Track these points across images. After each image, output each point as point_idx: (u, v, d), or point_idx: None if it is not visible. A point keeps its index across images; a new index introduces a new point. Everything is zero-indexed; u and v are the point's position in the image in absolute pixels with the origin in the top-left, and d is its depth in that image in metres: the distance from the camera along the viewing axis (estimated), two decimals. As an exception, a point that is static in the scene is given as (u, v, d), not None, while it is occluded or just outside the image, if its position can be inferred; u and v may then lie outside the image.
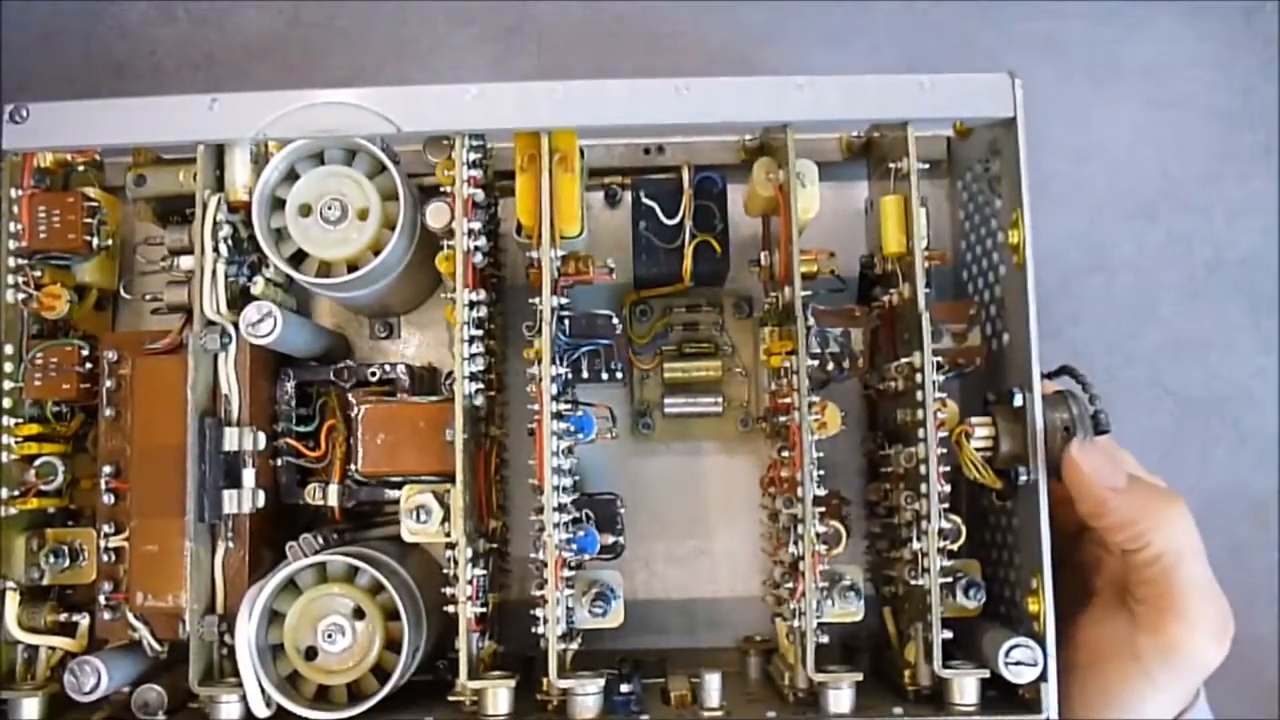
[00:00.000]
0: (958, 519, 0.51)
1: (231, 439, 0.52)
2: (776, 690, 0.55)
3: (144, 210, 0.57)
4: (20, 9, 0.70)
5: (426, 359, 0.61)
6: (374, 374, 0.56)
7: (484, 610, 0.51)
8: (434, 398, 0.53)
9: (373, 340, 0.62)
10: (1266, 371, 0.71)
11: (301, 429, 0.56)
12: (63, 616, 0.53)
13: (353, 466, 0.53)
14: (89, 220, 0.54)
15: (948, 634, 0.50)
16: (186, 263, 0.52)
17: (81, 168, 0.57)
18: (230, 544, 0.52)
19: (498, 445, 0.58)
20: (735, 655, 0.60)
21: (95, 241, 0.55)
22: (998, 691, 0.51)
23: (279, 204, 0.54)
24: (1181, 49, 0.73)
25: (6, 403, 0.52)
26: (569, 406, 0.52)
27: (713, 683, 0.51)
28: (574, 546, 0.51)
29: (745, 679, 0.58)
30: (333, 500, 0.55)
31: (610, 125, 0.52)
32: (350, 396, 0.55)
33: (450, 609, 0.50)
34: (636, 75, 0.52)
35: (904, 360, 0.52)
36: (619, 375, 0.54)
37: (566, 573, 0.51)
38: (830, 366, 0.53)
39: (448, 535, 0.51)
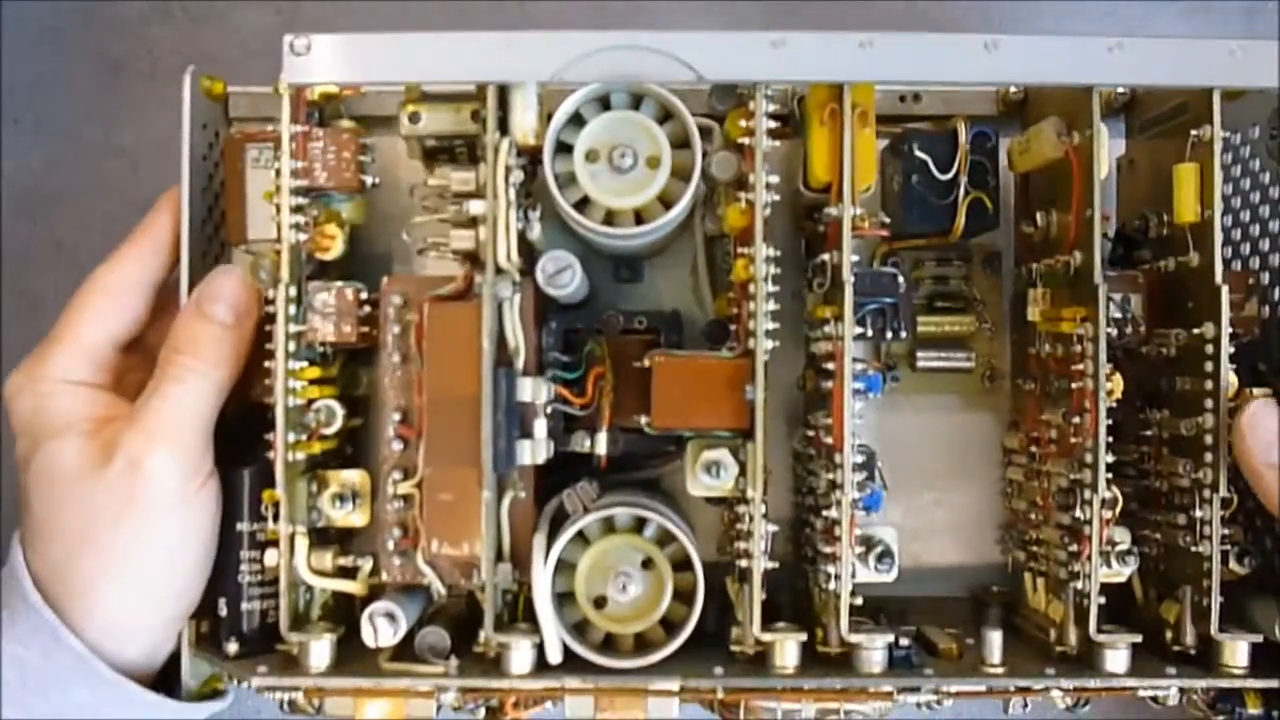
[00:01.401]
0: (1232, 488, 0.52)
1: (524, 389, 0.51)
2: (1031, 644, 0.56)
3: (414, 148, 0.55)
4: (20, 8, 0.68)
5: (670, 305, 0.60)
6: (641, 323, 0.56)
7: (776, 565, 0.51)
8: (726, 352, 0.53)
9: (616, 284, 0.61)
10: None
11: (567, 375, 0.55)
12: (343, 561, 0.53)
13: (639, 419, 0.53)
14: (363, 158, 0.53)
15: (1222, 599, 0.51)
16: (476, 207, 0.51)
17: (340, 107, 0.55)
18: (520, 493, 0.52)
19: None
20: (968, 604, 0.62)
21: (368, 180, 0.53)
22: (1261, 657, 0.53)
23: (560, 149, 0.53)
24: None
25: (291, 346, 0.51)
26: (861, 365, 0.52)
27: (994, 640, 0.53)
28: (862, 505, 0.52)
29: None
30: (601, 449, 0.55)
31: (917, 80, 0.51)
32: (619, 345, 0.55)
33: (742, 563, 0.51)
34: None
35: (1189, 329, 0.53)
36: (904, 334, 0.53)
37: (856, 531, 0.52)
38: (1113, 332, 0.54)
39: (741, 491, 0.51)
